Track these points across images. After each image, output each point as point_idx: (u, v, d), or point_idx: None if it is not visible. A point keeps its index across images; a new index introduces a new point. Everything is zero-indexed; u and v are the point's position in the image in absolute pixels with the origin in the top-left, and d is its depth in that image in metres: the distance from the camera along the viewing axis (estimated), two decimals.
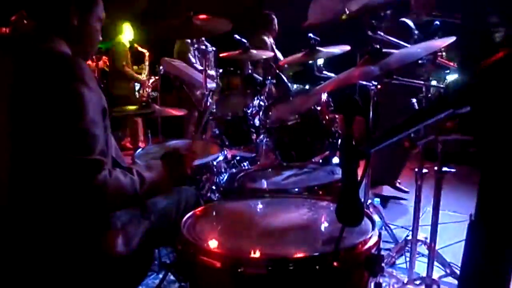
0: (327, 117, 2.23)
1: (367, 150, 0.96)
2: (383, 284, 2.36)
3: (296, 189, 1.80)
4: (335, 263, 1.15)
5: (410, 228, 2.52)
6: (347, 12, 1.63)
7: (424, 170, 2.24)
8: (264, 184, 1.98)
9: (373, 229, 1.32)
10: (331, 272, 1.16)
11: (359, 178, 1.09)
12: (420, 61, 2.25)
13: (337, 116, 2.27)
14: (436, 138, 0.53)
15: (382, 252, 1.37)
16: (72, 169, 1.20)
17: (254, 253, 1.22)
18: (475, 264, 0.62)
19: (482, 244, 0.62)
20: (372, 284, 1.33)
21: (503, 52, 0.50)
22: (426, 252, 2.44)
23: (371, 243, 1.25)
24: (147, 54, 5.56)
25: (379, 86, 2.55)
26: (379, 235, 1.31)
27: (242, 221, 1.49)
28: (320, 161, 2.24)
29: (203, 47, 2.96)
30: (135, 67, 5.63)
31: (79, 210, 1.27)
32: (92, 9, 1.44)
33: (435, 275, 2.18)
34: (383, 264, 1.26)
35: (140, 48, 5.58)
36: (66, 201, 1.23)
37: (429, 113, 0.61)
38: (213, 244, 1.29)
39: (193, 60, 4.26)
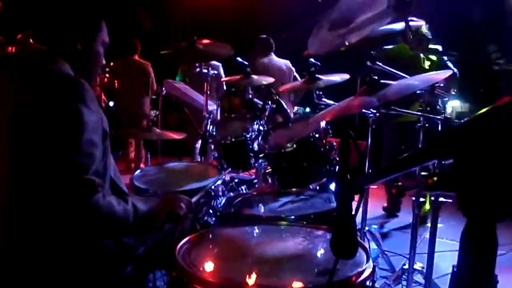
0: (325, 144, 2.24)
1: (362, 186, 0.98)
2: None
3: (293, 217, 1.80)
4: None
5: (408, 256, 2.51)
6: (347, 44, 1.66)
7: (422, 199, 2.25)
8: (261, 210, 1.98)
9: (367, 260, 1.32)
10: None
11: (353, 212, 1.10)
12: (418, 92, 2.29)
13: (335, 143, 2.29)
14: (421, 191, 0.54)
15: (379, 281, 1.37)
16: (65, 187, 1.21)
17: (249, 283, 1.22)
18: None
19: None
20: None
21: (504, 100, 0.51)
22: (422, 281, 2.43)
23: (365, 275, 1.25)
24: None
25: (377, 114, 2.58)
26: (373, 267, 1.31)
27: (238, 249, 1.49)
28: (318, 187, 2.25)
29: (205, 70, 3.01)
30: None
31: (70, 229, 1.27)
32: (96, 34, 1.48)
33: None
34: None
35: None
36: (58, 219, 1.24)
37: (415, 160, 0.62)
38: (207, 272, 1.29)
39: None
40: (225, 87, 4.46)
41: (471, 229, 0.59)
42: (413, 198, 2.25)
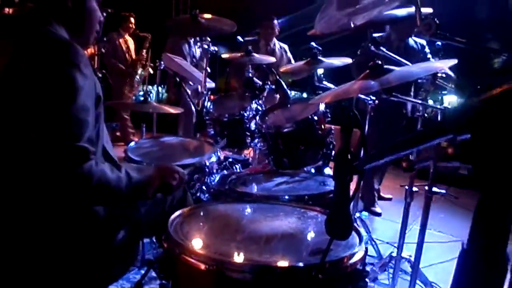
0: (323, 128, 2.23)
1: (361, 166, 0.97)
2: None
3: (286, 197, 1.80)
4: (319, 275, 1.15)
5: (395, 245, 2.53)
6: (352, 26, 1.64)
7: (415, 189, 2.26)
8: (255, 189, 1.98)
9: (359, 243, 1.32)
10: (315, 284, 1.15)
11: (351, 193, 1.10)
12: (419, 81, 2.28)
13: (333, 127, 2.27)
14: (435, 163, 0.53)
15: (366, 267, 1.37)
16: (57, 154, 1.17)
17: (240, 258, 1.22)
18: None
19: (474, 275, 0.62)
20: None
21: None
22: (409, 269, 2.45)
23: (357, 257, 1.25)
24: (149, 37, 5.55)
25: (376, 102, 2.56)
26: (366, 250, 1.31)
27: (230, 225, 1.48)
28: (312, 170, 2.24)
29: (206, 46, 2.96)
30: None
31: (61, 197, 1.24)
32: None
33: None
34: (367, 280, 1.27)
35: (141, 34, 5.58)
36: (48, 187, 1.20)
37: (428, 135, 0.61)
38: (198, 245, 1.29)
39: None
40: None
41: (485, 205, 0.58)
42: (406, 187, 2.26)
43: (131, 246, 1.50)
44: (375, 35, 2.91)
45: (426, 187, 2.04)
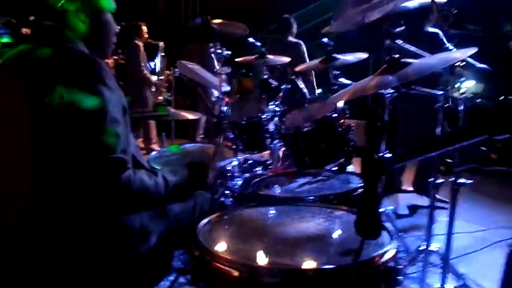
0: (343, 125, 2.22)
1: (391, 165, 0.96)
2: None
3: (311, 198, 1.79)
4: (352, 276, 1.14)
5: (422, 238, 2.50)
6: (366, 21, 1.63)
7: (440, 180, 2.22)
8: (278, 191, 1.97)
9: (390, 241, 1.31)
10: (347, 285, 1.15)
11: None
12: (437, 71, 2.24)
13: (352, 124, 2.26)
14: (478, 168, 0.51)
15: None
16: (95, 168, 1.21)
17: (271, 262, 1.22)
18: None
19: None
20: None
21: None
22: (437, 261, 2.42)
23: (388, 255, 1.24)
24: (161, 44, 5.58)
25: (395, 94, 2.53)
26: (397, 248, 1.30)
27: (258, 229, 1.49)
28: (335, 168, 2.23)
29: (219, 51, 2.97)
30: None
31: (102, 208, 1.29)
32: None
33: (448, 287, 2.16)
34: (400, 277, 1.26)
35: (153, 42, 5.62)
36: (90, 200, 1.25)
37: (462, 135, 0.59)
38: (229, 251, 1.30)
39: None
40: None
41: None
42: (431, 179, 2.22)
43: (163, 255, 1.52)
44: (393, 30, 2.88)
45: (453, 178, 2.02)
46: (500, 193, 3.92)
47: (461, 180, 1.98)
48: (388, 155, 0.99)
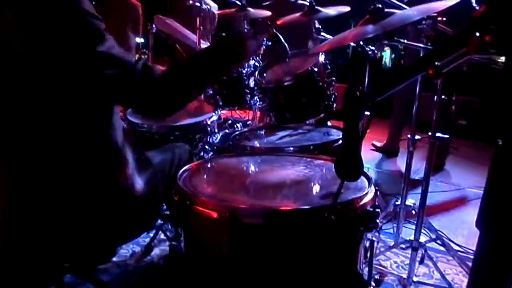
0: (324, 79, 2.20)
1: (372, 100, 0.95)
2: None
3: (291, 148, 1.79)
4: (332, 216, 1.15)
5: (398, 196, 2.55)
6: None
7: (417, 137, 2.25)
8: (259, 143, 1.96)
9: (369, 186, 1.32)
10: (327, 225, 1.16)
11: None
12: (419, 26, 2.22)
13: (333, 78, 2.24)
14: (470, 57, 0.50)
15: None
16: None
17: (251, 204, 1.22)
18: (485, 254, 0.61)
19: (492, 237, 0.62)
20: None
21: None
22: (412, 218, 2.48)
23: (367, 199, 1.25)
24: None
25: (376, 52, 2.52)
26: (376, 192, 1.31)
27: (238, 176, 1.48)
28: (315, 122, 2.23)
29: (198, 4, 2.87)
30: None
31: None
32: None
33: (422, 239, 2.22)
34: (378, 221, 1.28)
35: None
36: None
37: (451, 44, 0.57)
38: (209, 195, 1.28)
39: None
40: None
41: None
42: (409, 136, 2.25)
43: (152, 196, 1.48)
44: None
45: (430, 133, 2.04)
46: (476, 156, 4.02)
47: (438, 134, 2.00)
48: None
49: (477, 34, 0.51)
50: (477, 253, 0.63)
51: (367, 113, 1.73)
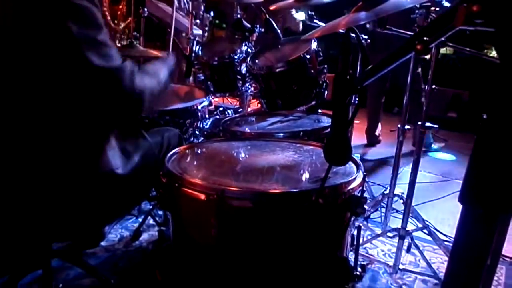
0: (315, 67, 2.19)
1: (362, 83, 0.95)
2: None
3: (281, 134, 1.79)
4: (320, 200, 1.15)
5: (387, 185, 2.57)
6: None
7: (407, 127, 2.26)
8: (249, 128, 1.96)
9: (357, 171, 1.33)
10: (315, 209, 1.16)
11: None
12: (412, 16, 2.22)
13: (325, 66, 2.23)
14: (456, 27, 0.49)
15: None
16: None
17: (240, 186, 1.22)
18: (468, 228, 0.62)
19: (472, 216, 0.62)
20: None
21: None
22: (401, 208, 2.50)
23: (355, 184, 1.26)
24: None
25: (368, 41, 2.51)
26: (364, 177, 1.32)
27: (227, 160, 1.48)
28: (306, 110, 2.22)
29: None
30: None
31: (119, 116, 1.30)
32: None
33: (409, 227, 2.24)
34: (365, 206, 1.28)
35: None
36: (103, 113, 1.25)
37: (447, 17, 0.57)
38: (197, 177, 1.28)
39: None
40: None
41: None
42: (398, 126, 2.26)
43: (138, 178, 1.47)
44: None
45: (419, 123, 2.04)
46: (465, 148, 4.05)
47: (428, 124, 2.01)
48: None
49: (465, 4, 0.51)
50: (459, 228, 0.64)
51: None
